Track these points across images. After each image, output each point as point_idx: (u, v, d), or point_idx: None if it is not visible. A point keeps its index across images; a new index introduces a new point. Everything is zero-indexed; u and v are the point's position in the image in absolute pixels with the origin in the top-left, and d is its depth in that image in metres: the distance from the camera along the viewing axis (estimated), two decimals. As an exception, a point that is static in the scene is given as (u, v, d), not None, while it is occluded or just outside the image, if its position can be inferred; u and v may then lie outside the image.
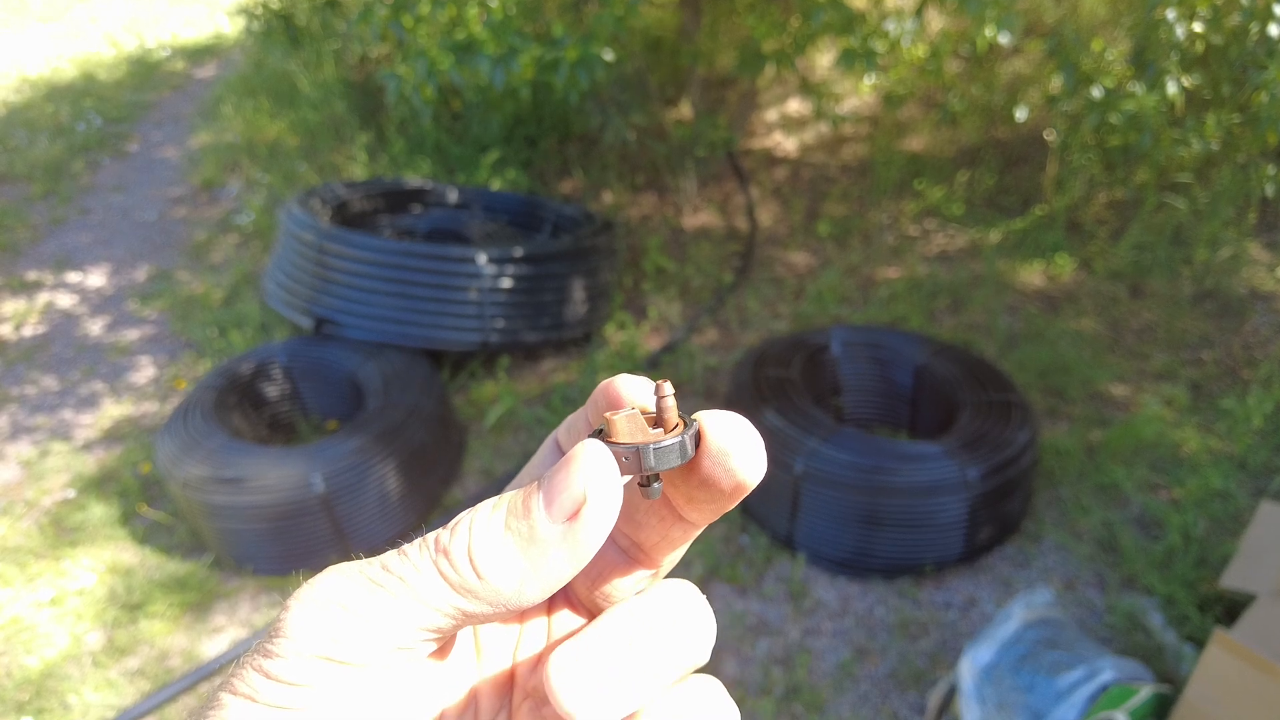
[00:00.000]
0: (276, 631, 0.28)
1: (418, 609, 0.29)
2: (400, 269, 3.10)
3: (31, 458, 3.11)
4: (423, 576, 0.29)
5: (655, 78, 4.79)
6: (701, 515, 0.32)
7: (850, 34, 3.38)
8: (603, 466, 0.29)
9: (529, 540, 0.29)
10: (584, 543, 0.29)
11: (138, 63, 7.20)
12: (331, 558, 2.52)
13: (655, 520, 0.33)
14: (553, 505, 0.29)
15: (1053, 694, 1.76)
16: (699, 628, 0.31)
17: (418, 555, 0.29)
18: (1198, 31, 3.15)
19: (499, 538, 0.29)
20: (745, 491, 0.31)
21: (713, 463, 0.30)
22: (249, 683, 0.28)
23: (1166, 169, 3.89)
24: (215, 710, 0.28)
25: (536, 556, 0.29)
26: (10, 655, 2.37)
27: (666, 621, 0.31)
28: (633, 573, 0.35)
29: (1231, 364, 3.20)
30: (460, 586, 0.29)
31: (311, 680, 0.28)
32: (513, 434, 3.09)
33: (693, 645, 0.31)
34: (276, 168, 4.89)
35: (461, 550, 0.29)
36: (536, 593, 0.29)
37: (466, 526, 0.30)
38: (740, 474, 0.30)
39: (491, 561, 0.29)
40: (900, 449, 2.44)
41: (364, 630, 0.28)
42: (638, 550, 0.34)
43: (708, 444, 0.30)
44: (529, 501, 0.29)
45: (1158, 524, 2.58)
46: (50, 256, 4.43)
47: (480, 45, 3.01)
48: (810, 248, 4.17)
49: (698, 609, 0.32)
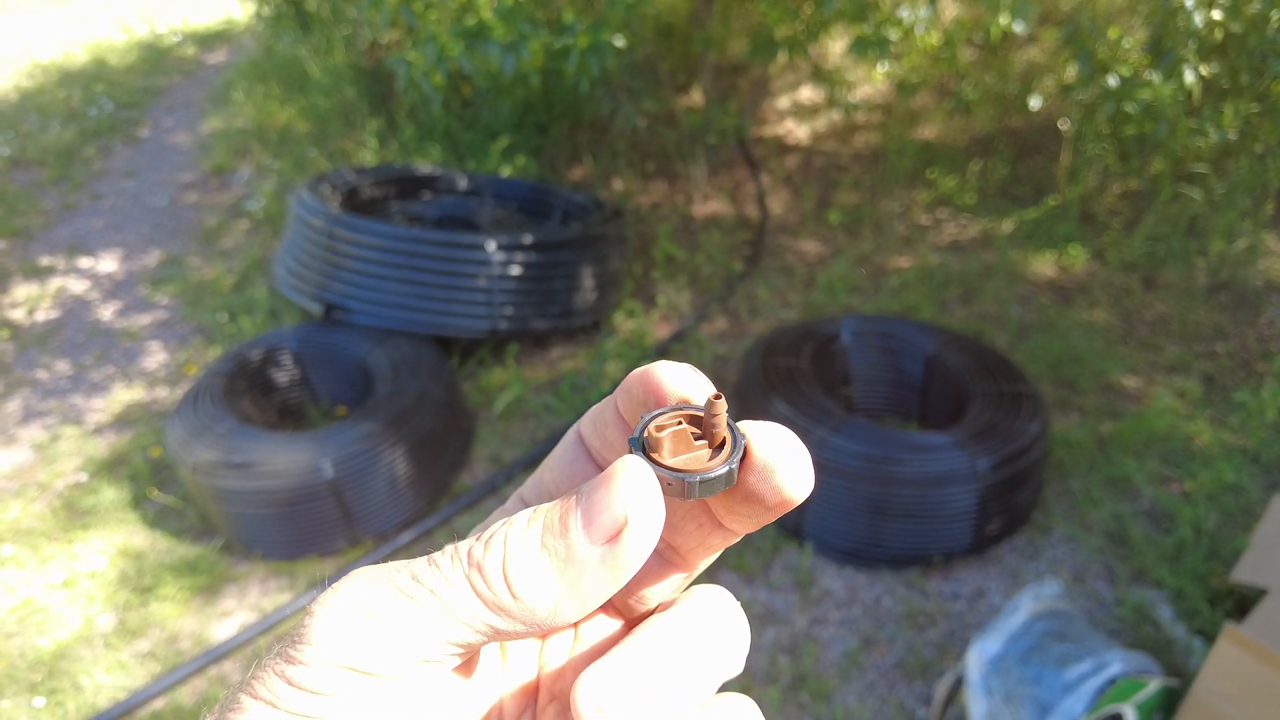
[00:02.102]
0: (300, 637, 0.28)
1: (447, 623, 0.28)
2: (410, 255, 3.10)
3: (44, 441, 3.14)
4: (455, 590, 0.28)
5: (666, 64, 4.76)
6: (742, 525, 0.32)
7: (863, 21, 3.34)
8: (646, 489, 0.28)
9: (566, 561, 0.28)
10: (624, 566, 0.28)
11: (149, 48, 7.21)
12: (340, 543, 2.53)
13: (694, 527, 0.33)
14: (592, 526, 0.28)
15: (1060, 686, 1.75)
16: (734, 640, 0.31)
17: (449, 568, 0.29)
18: (1216, 19, 3.11)
19: (534, 556, 0.28)
20: (790, 507, 0.30)
21: (758, 478, 0.29)
22: (270, 688, 0.27)
23: (1182, 159, 3.85)
24: (235, 713, 0.27)
25: (574, 578, 0.28)
26: (24, 636, 2.39)
27: (702, 638, 0.30)
28: (668, 576, 0.34)
29: (1246, 356, 3.17)
30: (494, 604, 0.28)
31: (334, 689, 0.27)
32: (521, 421, 3.10)
33: (728, 658, 0.30)
34: (287, 154, 4.89)
35: (496, 567, 0.28)
36: (572, 614, 0.29)
37: (501, 541, 0.29)
38: (786, 491, 0.29)
39: (527, 580, 0.28)
40: (910, 439, 2.44)
41: (390, 640, 0.28)
42: (674, 554, 0.34)
43: (753, 459, 0.29)
44: (566, 519, 0.28)
45: (1168, 517, 2.57)
46: (62, 242, 4.45)
47: (490, 31, 3.00)
48: (821, 236, 4.15)
49: (734, 620, 0.31)
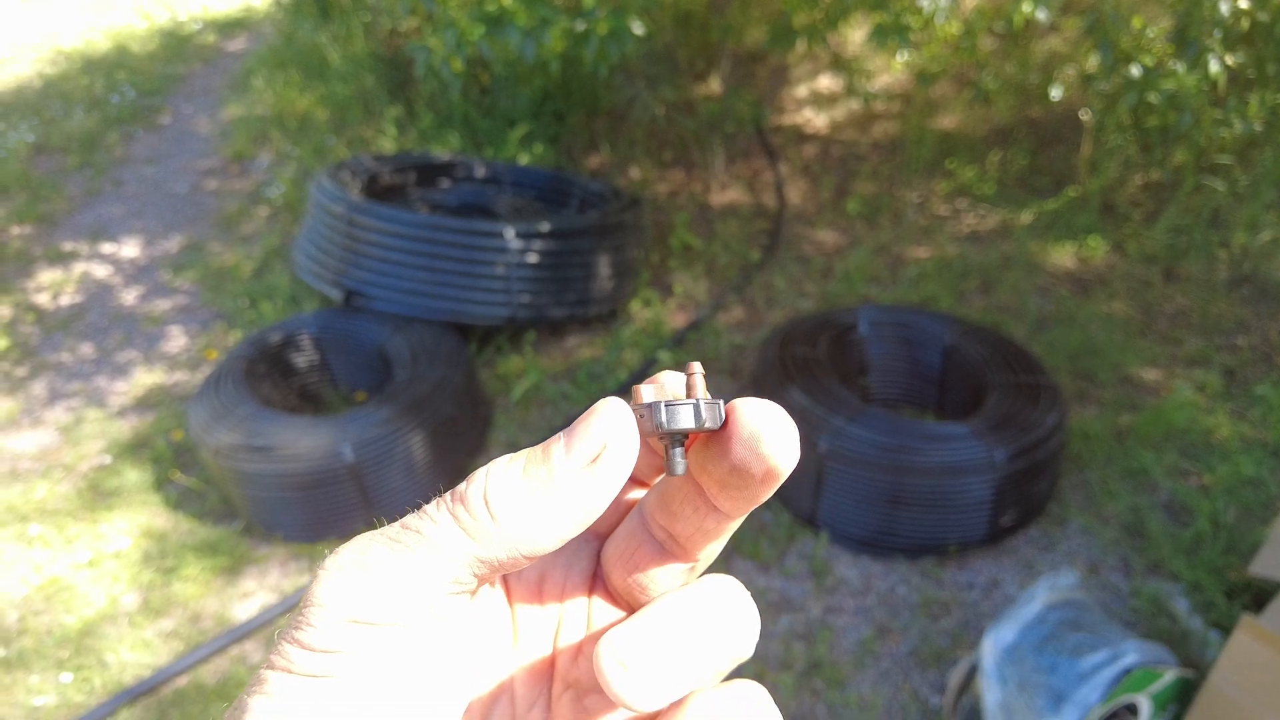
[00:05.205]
0: (308, 601, 0.29)
1: (435, 560, 0.29)
2: (428, 242, 3.12)
3: (68, 423, 3.18)
4: (439, 528, 0.30)
5: (685, 52, 4.75)
6: (734, 505, 0.33)
7: (883, 9, 3.33)
8: (622, 417, 0.30)
9: (549, 482, 0.30)
10: (602, 487, 0.30)
11: (169, 35, 7.25)
12: (359, 526, 2.56)
13: (689, 510, 0.34)
14: (573, 450, 0.30)
15: (1075, 675, 1.75)
16: (744, 620, 0.32)
17: (435, 510, 0.30)
18: (1243, 8, 3.07)
19: (516, 481, 0.30)
20: (777, 479, 0.31)
21: (743, 446, 0.30)
22: (285, 655, 0.28)
23: (1206, 150, 3.81)
24: (257, 687, 0.28)
25: (556, 500, 0.30)
26: (51, 614, 2.44)
27: (714, 612, 0.32)
28: (669, 564, 0.35)
29: (1268, 350, 3.15)
30: (475, 532, 0.30)
31: (343, 645, 0.28)
32: (538, 409, 3.11)
33: (738, 637, 0.32)
34: (306, 141, 4.92)
35: (478, 495, 0.30)
36: (551, 537, 0.30)
37: (483, 474, 0.31)
38: (771, 458, 0.30)
39: (506, 504, 0.30)
40: (926, 429, 2.43)
41: (387, 587, 0.29)
42: (673, 542, 0.35)
43: (739, 427, 0.30)
44: (549, 449, 0.31)
45: (1186, 510, 2.56)
46: (86, 227, 4.50)
47: (511, 17, 3.00)
48: (839, 226, 4.14)
49: (743, 602, 0.33)
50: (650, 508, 0.35)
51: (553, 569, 0.37)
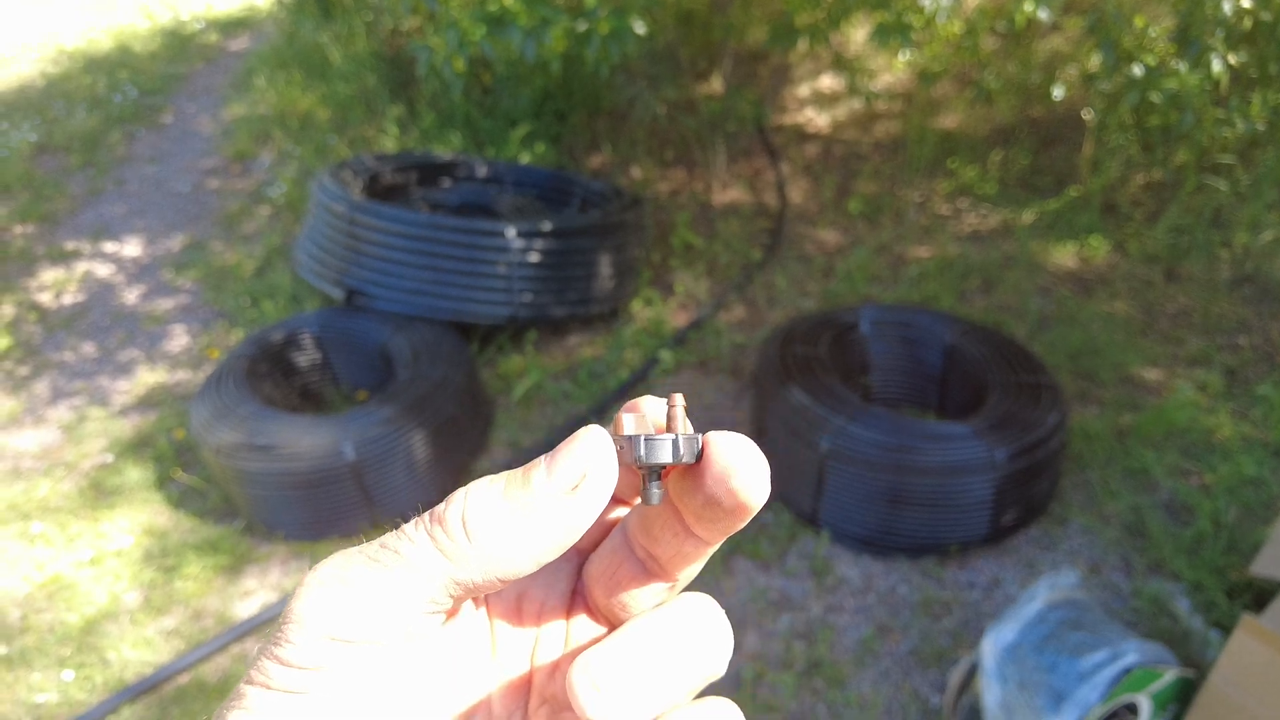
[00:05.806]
0: (287, 618, 0.29)
1: (413, 579, 0.30)
2: (430, 242, 3.12)
3: (71, 422, 3.19)
4: (417, 548, 0.30)
5: (686, 51, 4.75)
6: (710, 533, 0.33)
7: (885, 9, 3.33)
8: (602, 447, 0.31)
9: (527, 506, 0.30)
10: (580, 513, 0.30)
11: (172, 34, 7.26)
12: (360, 525, 2.56)
13: (669, 535, 0.34)
14: (554, 476, 0.30)
15: (1075, 675, 1.75)
16: (717, 640, 0.33)
17: (413, 529, 0.31)
18: (1246, 7, 3.06)
19: (495, 504, 0.30)
20: (747, 513, 0.31)
21: (715, 481, 0.31)
22: (264, 671, 0.29)
23: (1208, 150, 3.81)
24: (236, 702, 0.29)
25: (533, 524, 0.30)
26: (53, 612, 2.45)
27: (687, 632, 0.32)
28: (649, 584, 0.36)
29: (1269, 350, 3.14)
30: (451, 553, 0.30)
31: (321, 662, 0.29)
32: (539, 408, 3.12)
33: (711, 656, 0.32)
34: (308, 140, 4.93)
35: (455, 517, 0.30)
36: (528, 560, 0.30)
37: (462, 495, 0.31)
38: (741, 494, 0.31)
39: (484, 526, 0.30)
40: (927, 428, 2.43)
41: (364, 606, 0.29)
42: (654, 563, 0.35)
43: (711, 463, 0.31)
44: (530, 473, 0.31)
45: (1187, 510, 2.55)
46: (88, 226, 4.51)
47: (513, 16, 3.00)
48: (840, 225, 4.14)
49: (716, 622, 0.33)
50: (633, 528, 0.36)
51: (532, 585, 0.37)
